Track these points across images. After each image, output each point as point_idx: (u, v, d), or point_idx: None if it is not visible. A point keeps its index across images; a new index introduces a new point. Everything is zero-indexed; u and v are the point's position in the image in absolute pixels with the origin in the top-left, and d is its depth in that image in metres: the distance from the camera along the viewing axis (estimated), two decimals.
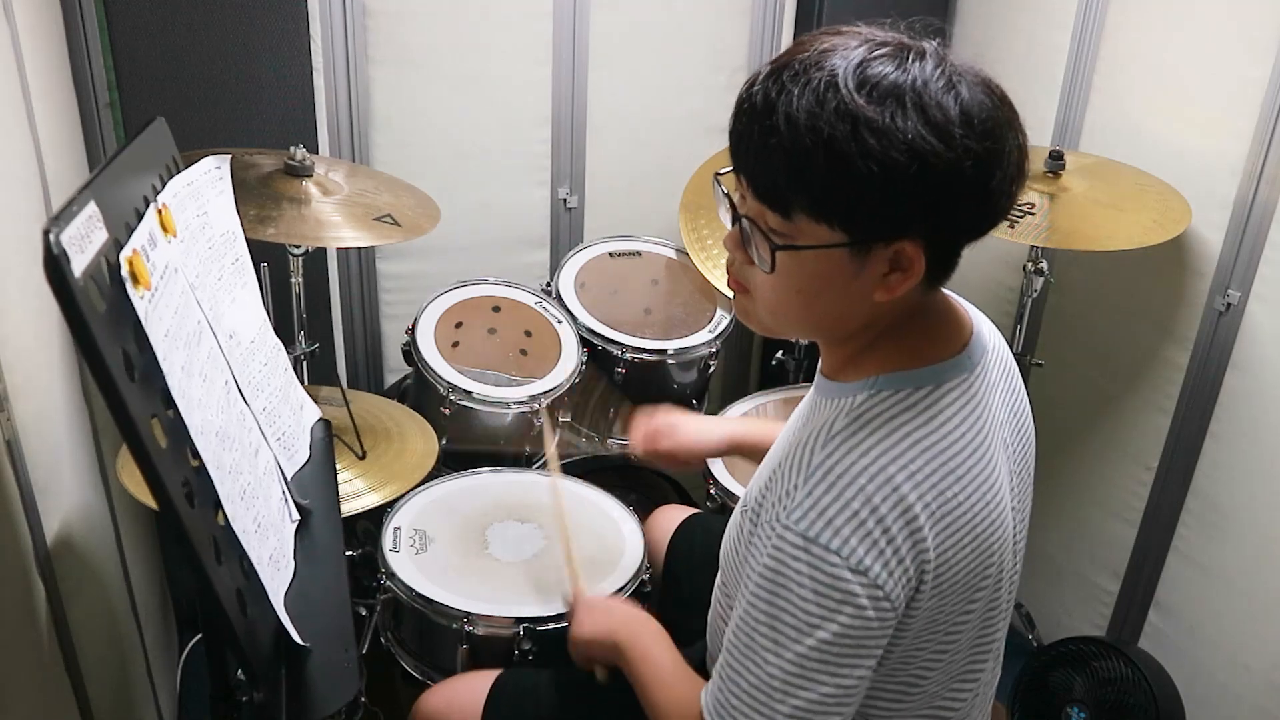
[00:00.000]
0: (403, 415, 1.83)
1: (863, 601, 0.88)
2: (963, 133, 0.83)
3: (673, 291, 2.22)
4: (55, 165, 1.47)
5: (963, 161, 0.83)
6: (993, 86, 0.88)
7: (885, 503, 0.88)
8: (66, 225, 0.75)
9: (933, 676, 1.02)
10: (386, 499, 1.60)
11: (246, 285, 1.21)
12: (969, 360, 0.97)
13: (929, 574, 0.91)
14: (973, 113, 0.84)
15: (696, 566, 1.57)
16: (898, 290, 0.90)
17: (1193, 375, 1.90)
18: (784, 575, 0.90)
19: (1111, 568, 2.11)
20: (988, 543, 0.95)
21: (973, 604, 0.98)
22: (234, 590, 0.91)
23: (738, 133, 0.89)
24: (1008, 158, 0.87)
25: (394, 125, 2.13)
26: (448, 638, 1.50)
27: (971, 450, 0.94)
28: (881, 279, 0.90)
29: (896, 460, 0.90)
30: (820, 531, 0.88)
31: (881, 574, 0.88)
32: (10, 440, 1.15)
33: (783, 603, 0.90)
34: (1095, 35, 2.00)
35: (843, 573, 0.87)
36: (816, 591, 0.88)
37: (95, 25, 1.83)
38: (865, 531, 0.88)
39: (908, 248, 0.88)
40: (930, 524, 0.89)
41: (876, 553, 0.88)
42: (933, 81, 0.84)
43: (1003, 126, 0.86)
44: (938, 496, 0.90)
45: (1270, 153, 1.71)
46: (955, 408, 0.94)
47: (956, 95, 0.84)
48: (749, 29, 2.31)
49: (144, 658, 1.74)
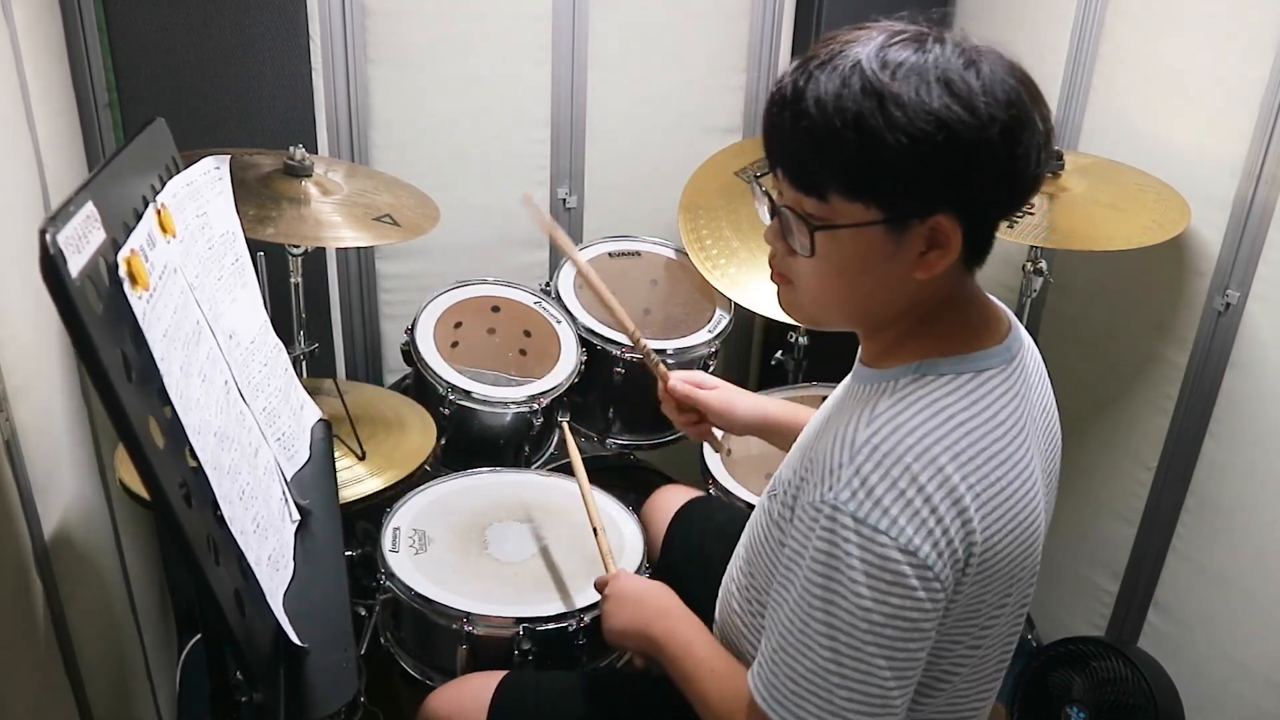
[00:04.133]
0: (401, 404, 1.84)
1: (913, 582, 0.88)
2: (986, 100, 0.85)
3: (672, 291, 2.22)
4: (55, 166, 1.48)
5: (989, 129, 0.85)
6: (1014, 64, 0.90)
7: (931, 482, 0.88)
8: (63, 225, 0.75)
9: (961, 673, 1.02)
10: (385, 484, 1.59)
11: (246, 285, 1.21)
12: (1008, 352, 0.98)
13: (975, 556, 0.91)
14: (995, 85, 0.87)
15: (696, 549, 1.57)
16: (936, 267, 0.92)
17: (1192, 375, 1.90)
18: (836, 558, 0.90)
19: (1111, 568, 2.11)
20: (1027, 531, 0.96)
21: (1008, 597, 0.98)
22: (232, 590, 0.91)
23: (770, 125, 0.92)
24: (1033, 127, 0.89)
25: (393, 125, 2.13)
26: (447, 638, 1.50)
27: (1011, 438, 0.94)
28: (920, 257, 0.92)
29: (941, 441, 0.90)
30: (869, 512, 0.88)
31: (930, 554, 0.88)
32: (9, 440, 1.15)
33: (837, 585, 0.90)
34: (1095, 35, 2.00)
35: (893, 553, 0.88)
36: (869, 574, 0.88)
37: (95, 26, 1.83)
38: (914, 511, 0.88)
39: (943, 222, 0.89)
40: (975, 505, 0.90)
41: (925, 533, 0.88)
42: (953, 59, 0.87)
43: (1025, 99, 0.89)
44: (982, 479, 0.91)
45: (1270, 153, 1.71)
46: (996, 394, 0.95)
47: (978, 70, 0.87)
48: (749, 29, 2.31)
49: (143, 658, 1.74)
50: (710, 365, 2.07)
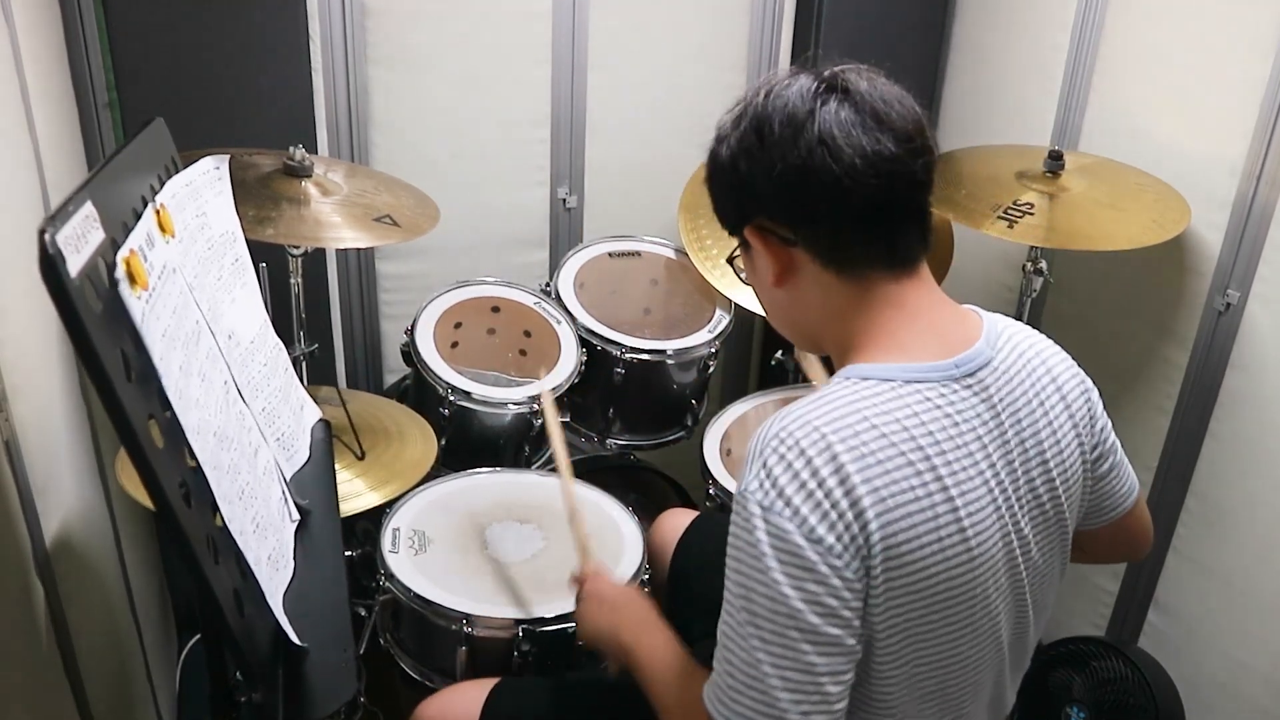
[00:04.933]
0: (402, 415, 1.83)
1: (823, 570, 0.89)
2: (731, 128, 1.01)
3: (672, 291, 2.22)
4: (54, 166, 1.48)
5: (719, 147, 1.03)
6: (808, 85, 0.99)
7: (819, 457, 0.90)
8: (62, 225, 0.75)
9: (902, 697, 0.99)
10: (386, 499, 1.59)
11: (246, 285, 1.21)
12: (952, 369, 0.97)
13: (876, 546, 0.90)
14: (777, 100, 0.98)
15: (702, 566, 1.57)
16: (787, 276, 1.01)
17: (1192, 375, 1.90)
18: (750, 545, 0.92)
19: (1111, 568, 2.11)
20: (942, 546, 0.93)
21: (935, 619, 0.95)
22: (231, 590, 0.91)
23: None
24: (806, 123, 0.95)
25: (393, 125, 2.13)
26: (447, 638, 1.50)
27: (921, 448, 0.92)
28: (776, 271, 1.01)
29: (838, 430, 0.91)
30: (774, 500, 0.90)
31: (828, 536, 0.89)
32: (9, 440, 1.15)
33: (753, 572, 0.92)
34: (1095, 35, 2.00)
35: (795, 538, 0.89)
36: (780, 561, 0.90)
37: (94, 26, 1.83)
38: (808, 492, 0.90)
39: (752, 231, 1.01)
40: (866, 490, 0.90)
41: (821, 514, 0.89)
42: (758, 94, 1.00)
43: (799, 107, 0.97)
44: (874, 466, 0.91)
45: (1270, 153, 1.71)
46: (919, 406, 0.94)
47: (777, 96, 0.98)
48: (749, 29, 2.31)
49: (143, 658, 1.74)
50: (710, 365, 2.07)
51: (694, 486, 2.05)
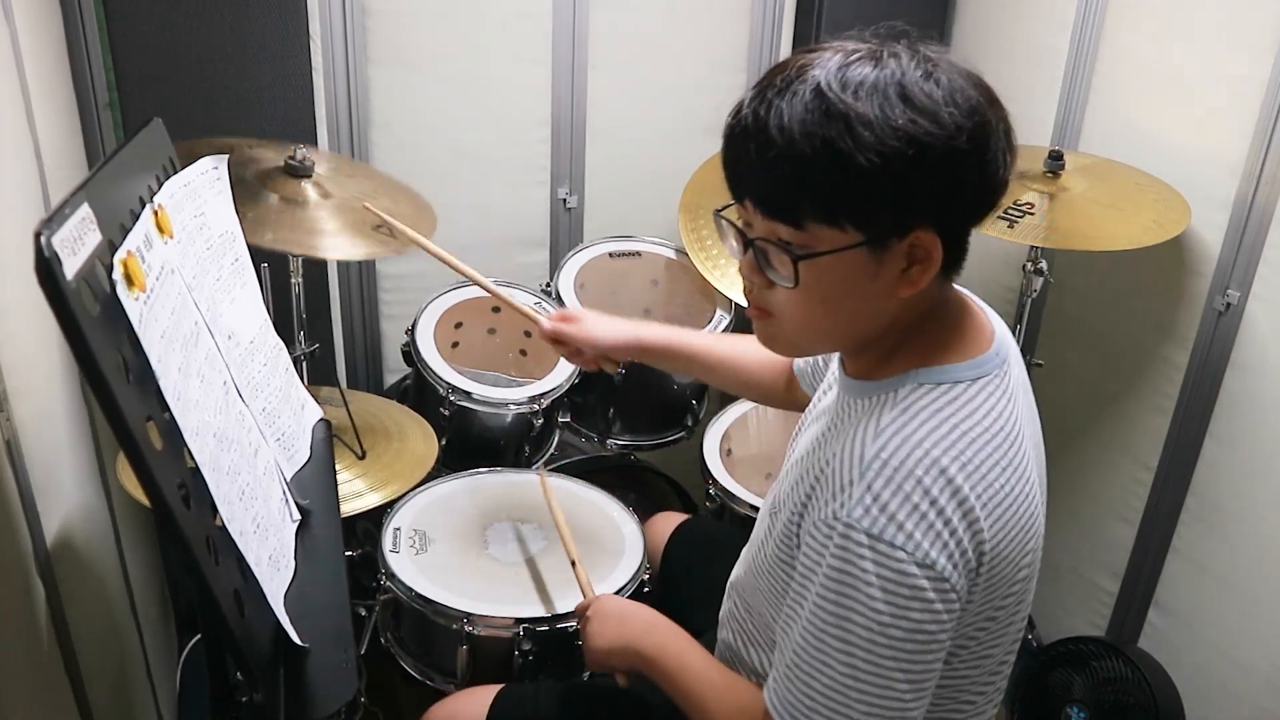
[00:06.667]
0: (403, 415, 1.83)
1: (930, 595, 0.88)
2: (950, 110, 0.86)
3: (672, 292, 2.22)
4: (55, 166, 1.48)
5: (957, 138, 0.85)
6: (969, 71, 0.91)
7: (943, 494, 0.89)
8: (59, 228, 0.75)
9: (971, 675, 1.02)
10: (387, 499, 1.60)
11: (246, 285, 1.21)
12: (997, 358, 0.98)
13: (985, 563, 0.91)
14: (956, 93, 0.87)
15: (692, 567, 1.57)
16: (920, 283, 0.92)
17: (1192, 375, 1.90)
18: (852, 575, 0.90)
19: (1111, 568, 2.11)
20: (1028, 533, 0.96)
21: (1009, 598, 0.98)
22: (231, 591, 0.91)
23: (734, 158, 0.91)
24: (997, 129, 0.90)
25: (393, 125, 2.13)
26: (448, 638, 1.50)
27: (1010, 443, 0.94)
28: (902, 274, 0.92)
29: (948, 451, 0.90)
30: (884, 528, 0.88)
31: (946, 566, 0.88)
32: (10, 441, 1.15)
33: (852, 603, 0.90)
34: (1095, 35, 2.00)
35: (910, 568, 0.88)
36: (885, 590, 0.88)
37: (95, 25, 1.83)
38: (928, 524, 0.88)
39: (923, 237, 0.89)
40: (984, 514, 0.90)
41: (940, 545, 0.88)
42: (911, 71, 0.87)
43: (985, 103, 0.89)
44: (988, 487, 0.91)
45: (1270, 153, 1.71)
46: (991, 401, 0.95)
47: (936, 80, 0.87)
48: (749, 29, 2.31)
49: (144, 658, 1.74)
50: None
51: (694, 487, 2.05)
